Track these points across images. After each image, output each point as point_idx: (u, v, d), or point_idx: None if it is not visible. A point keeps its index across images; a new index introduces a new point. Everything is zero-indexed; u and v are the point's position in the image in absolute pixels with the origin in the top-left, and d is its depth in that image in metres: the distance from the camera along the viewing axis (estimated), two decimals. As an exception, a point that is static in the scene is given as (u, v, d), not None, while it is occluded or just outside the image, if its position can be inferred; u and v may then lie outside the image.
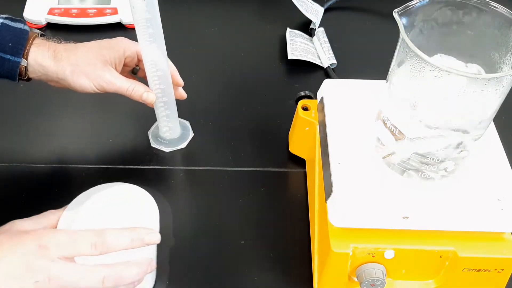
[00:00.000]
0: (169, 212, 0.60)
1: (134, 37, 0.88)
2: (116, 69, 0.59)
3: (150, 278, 0.53)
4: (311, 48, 0.82)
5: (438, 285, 0.51)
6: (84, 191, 0.56)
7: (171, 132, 0.68)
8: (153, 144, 0.68)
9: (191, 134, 0.70)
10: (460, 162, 0.47)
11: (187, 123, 0.71)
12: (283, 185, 0.65)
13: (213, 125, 0.71)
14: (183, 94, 0.66)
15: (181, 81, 0.65)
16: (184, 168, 0.66)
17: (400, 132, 0.45)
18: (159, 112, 0.64)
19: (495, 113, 0.44)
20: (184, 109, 0.72)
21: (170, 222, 0.60)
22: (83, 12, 0.83)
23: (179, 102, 0.66)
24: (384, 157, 0.49)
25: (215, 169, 0.66)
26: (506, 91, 0.42)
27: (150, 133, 0.69)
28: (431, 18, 0.45)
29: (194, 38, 0.84)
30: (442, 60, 0.45)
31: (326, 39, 0.82)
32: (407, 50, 0.41)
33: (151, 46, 0.56)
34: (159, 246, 0.57)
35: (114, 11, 0.84)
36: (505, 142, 0.52)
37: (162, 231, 0.58)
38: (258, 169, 0.66)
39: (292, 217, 0.61)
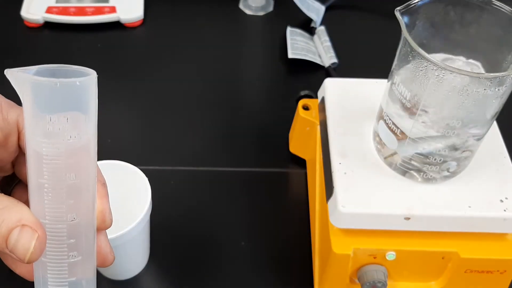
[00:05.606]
0: (169, 212, 0.60)
1: (133, 37, 0.88)
2: None
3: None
4: (311, 47, 0.81)
5: (440, 287, 0.51)
6: None
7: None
8: None
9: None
10: (463, 162, 0.47)
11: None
12: (283, 185, 0.65)
13: (213, 125, 0.71)
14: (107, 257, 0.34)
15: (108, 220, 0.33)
16: (184, 168, 0.66)
17: (402, 132, 0.45)
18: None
19: (498, 112, 0.44)
20: (184, 109, 0.71)
21: (169, 222, 0.59)
22: (81, 11, 0.83)
23: (174, 100, 0.65)
24: (385, 158, 0.49)
25: (215, 169, 0.66)
26: (509, 91, 0.41)
27: None
28: (433, 17, 0.44)
29: (194, 37, 0.84)
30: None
31: (327, 38, 0.82)
32: (409, 49, 0.41)
33: None
34: (156, 248, 0.57)
35: (113, 10, 0.83)
36: (508, 142, 0.51)
37: (160, 232, 0.58)
38: (258, 169, 0.66)
39: (292, 218, 0.61)
